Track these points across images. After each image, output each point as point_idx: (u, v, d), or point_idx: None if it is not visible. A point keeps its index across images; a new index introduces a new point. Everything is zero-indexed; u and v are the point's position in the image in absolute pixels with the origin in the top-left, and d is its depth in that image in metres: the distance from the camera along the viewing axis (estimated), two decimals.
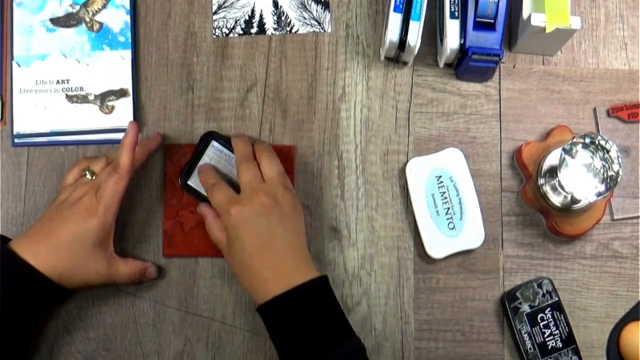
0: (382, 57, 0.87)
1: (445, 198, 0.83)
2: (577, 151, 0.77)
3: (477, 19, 0.81)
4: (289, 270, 0.73)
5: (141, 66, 0.87)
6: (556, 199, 0.82)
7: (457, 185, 0.84)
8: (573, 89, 0.88)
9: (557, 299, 0.82)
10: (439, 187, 0.84)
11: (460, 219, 0.83)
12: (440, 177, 0.84)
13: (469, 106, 0.87)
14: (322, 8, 0.89)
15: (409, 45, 0.81)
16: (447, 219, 0.83)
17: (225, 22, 0.88)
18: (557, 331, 0.81)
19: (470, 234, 0.83)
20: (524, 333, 0.81)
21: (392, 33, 0.81)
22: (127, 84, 0.86)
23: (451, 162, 0.84)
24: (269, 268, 0.73)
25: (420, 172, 0.84)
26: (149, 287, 0.83)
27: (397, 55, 0.85)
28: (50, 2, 0.87)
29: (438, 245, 0.83)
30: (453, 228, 0.83)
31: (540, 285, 0.82)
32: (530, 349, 0.81)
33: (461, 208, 0.83)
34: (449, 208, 0.83)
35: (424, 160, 0.84)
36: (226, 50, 0.88)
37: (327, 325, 0.72)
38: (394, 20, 0.81)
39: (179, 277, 0.84)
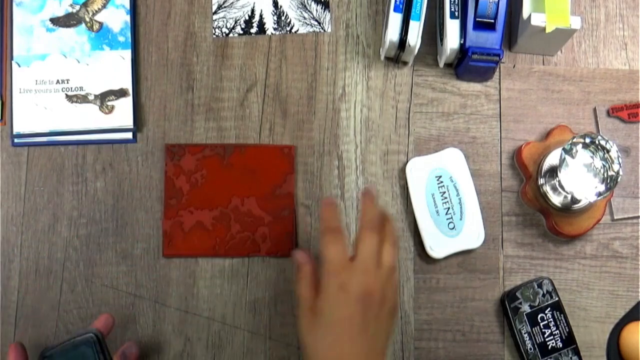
0: (382, 57, 0.87)
1: (446, 198, 0.83)
2: (577, 151, 0.77)
3: (477, 19, 0.81)
4: None
5: (141, 66, 0.87)
6: (556, 199, 0.82)
7: (457, 185, 0.84)
8: (573, 89, 0.88)
9: (557, 299, 0.82)
10: (439, 187, 0.84)
11: (460, 219, 0.83)
12: (440, 177, 0.84)
13: (469, 106, 0.87)
14: (322, 8, 0.89)
15: (409, 45, 0.81)
16: (447, 219, 0.83)
17: (225, 22, 0.88)
18: (557, 331, 0.81)
19: (470, 234, 0.83)
20: (524, 333, 0.81)
21: (392, 33, 0.81)
22: (127, 84, 0.86)
23: (451, 162, 0.84)
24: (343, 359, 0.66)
25: (420, 172, 0.84)
26: (149, 287, 0.83)
27: (397, 55, 0.85)
28: (50, 2, 0.87)
29: (438, 245, 0.83)
30: (453, 228, 0.83)
31: (540, 285, 0.82)
32: (530, 349, 0.81)
33: (461, 208, 0.83)
34: (449, 208, 0.83)
35: (424, 160, 0.84)
36: (226, 50, 0.88)
37: None
38: (394, 20, 0.81)
39: (179, 277, 0.84)
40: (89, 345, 0.70)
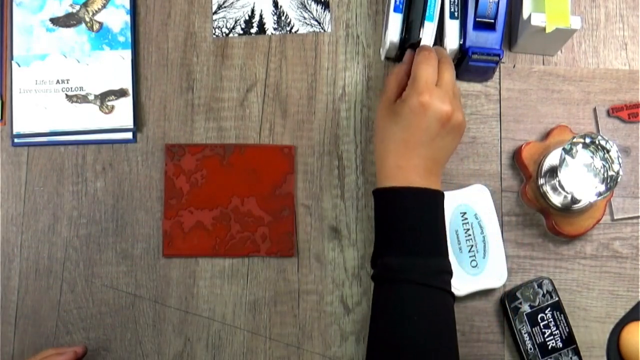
0: (383, 57, 0.87)
1: (469, 235, 0.82)
2: (577, 151, 0.77)
3: (477, 19, 0.81)
4: (421, 173, 0.73)
5: (141, 66, 0.87)
6: (556, 199, 0.82)
7: (481, 222, 0.82)
8: (573, 89, 0.88)
9: (557, 299, 0.82)
10: (463, 224, 0.82)
11: (484, 258, 0.81)
12: (465, 213, 0.82)
13: (469, 106, 0.87)
14: (322, 8, 0.89)
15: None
16: (470, 257, 0.81)
17: (225, 22, 0.88)
18: (557, 331, 0.81)
19: (493, 273, 0.81)
20: (524, 333, 0.81)
21: (393, 34, 0.81)
22: (127, 84, 0.86)
23: (476, 199, 0.83)
24: (408, 162, 0.73)
25: (445, 207, 0.79)
26: (149, 287, 0.83)
27: (398, 56, 0.85)
28: (50, 2, 0.87)
29: (460, 282, 0.80)
30: (476, 266, 0.81)
31: (540, 285, 0.82)
32: (530, 349, 0.81)
33: (485, 247, 0.81)
34: (472, 246, 0.82)
35: (449, 196, 0.80)
36: (226, 50, 0.88)
37: (425, 234, 0.72)
38: (394, 20, 0.81)
39: (179, 277, 0.84)
40: None
